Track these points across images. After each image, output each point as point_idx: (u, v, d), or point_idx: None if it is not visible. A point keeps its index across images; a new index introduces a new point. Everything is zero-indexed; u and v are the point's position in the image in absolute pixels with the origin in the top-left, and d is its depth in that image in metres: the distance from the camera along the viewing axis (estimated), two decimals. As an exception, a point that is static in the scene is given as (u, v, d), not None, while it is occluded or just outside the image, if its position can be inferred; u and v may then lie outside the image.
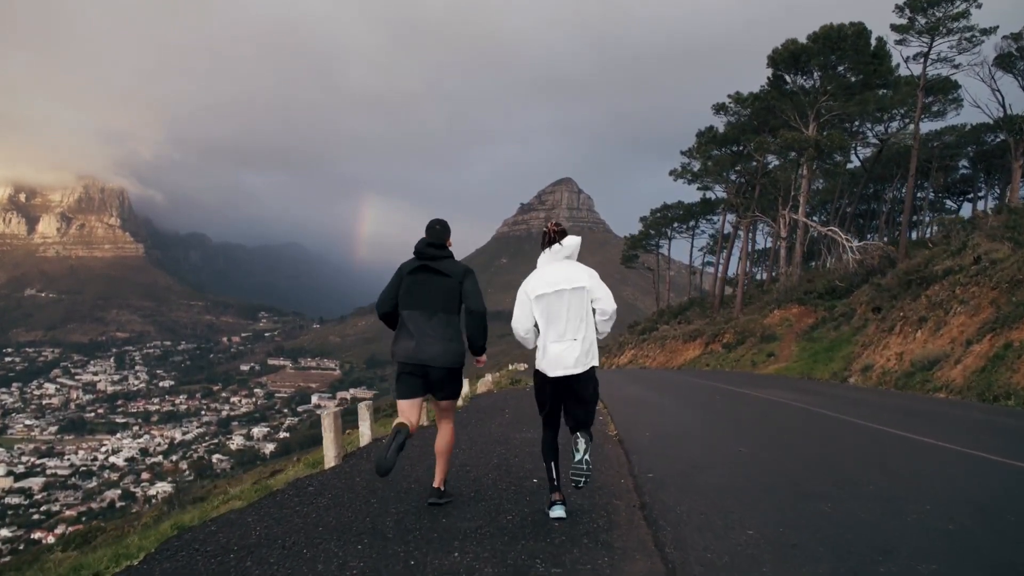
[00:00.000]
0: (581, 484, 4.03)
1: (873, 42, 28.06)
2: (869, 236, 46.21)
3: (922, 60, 27.82)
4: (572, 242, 4.25)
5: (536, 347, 4.22)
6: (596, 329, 4.20)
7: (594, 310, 4.18)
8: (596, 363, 4.16)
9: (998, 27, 26.23)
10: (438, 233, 4.44)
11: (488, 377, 19.09)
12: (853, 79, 29.63)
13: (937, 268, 15.95)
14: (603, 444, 6.79)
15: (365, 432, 8.11)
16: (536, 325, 4.19)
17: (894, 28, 27.16)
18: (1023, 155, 31.06)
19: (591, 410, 4.23)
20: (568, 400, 4.16)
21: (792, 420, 9.25)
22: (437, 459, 4.58)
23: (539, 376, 4.22)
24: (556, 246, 4.23)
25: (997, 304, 13.17)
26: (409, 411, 4.37)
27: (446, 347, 4.28)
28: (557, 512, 4.16)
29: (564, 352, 4.05)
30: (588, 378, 4.11)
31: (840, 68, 29.46)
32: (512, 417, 9.73)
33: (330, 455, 6.65)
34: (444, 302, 4.32)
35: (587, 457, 3.99)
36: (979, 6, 25.45)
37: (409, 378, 4.33)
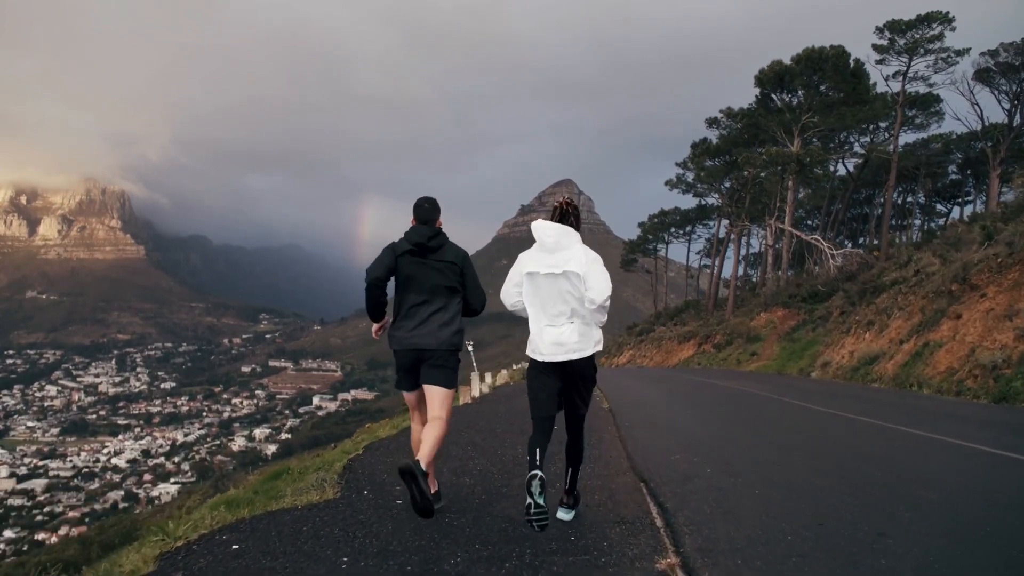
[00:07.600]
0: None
1: (852, 63, 29.58)
2: (862, 239, 47.59)
3: (901, 78, 29.30)
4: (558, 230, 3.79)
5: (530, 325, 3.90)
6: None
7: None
8: (598, 349, 3.82)
9: (970, 48, 27.70)
10: (427, 212, 4.17)
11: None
12: (834, 97, 31.16)
13: (886, 279, 17.97)
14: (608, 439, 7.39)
15: None
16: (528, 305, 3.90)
17: (875, 48, 28.63)
18: (1000, 164, 32.46)
19: (582, 413, 3.93)
20: (565, 394, 3.82)
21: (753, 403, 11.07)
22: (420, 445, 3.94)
23: (533, 366, 3.88)
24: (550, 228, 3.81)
25: (924, 311, 15.39)
26: (417, 402, 4.26)
27: (443, 330, 4.09)
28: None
29: (562, 335, 3.73)
30: (587, 365, 3.77)
31: (822, 87, 31.00)
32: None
33: None
34: (446, 285, 4.13)
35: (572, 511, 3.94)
36: (953, 29, 26.90)
37: (409, 367, 4.14)
